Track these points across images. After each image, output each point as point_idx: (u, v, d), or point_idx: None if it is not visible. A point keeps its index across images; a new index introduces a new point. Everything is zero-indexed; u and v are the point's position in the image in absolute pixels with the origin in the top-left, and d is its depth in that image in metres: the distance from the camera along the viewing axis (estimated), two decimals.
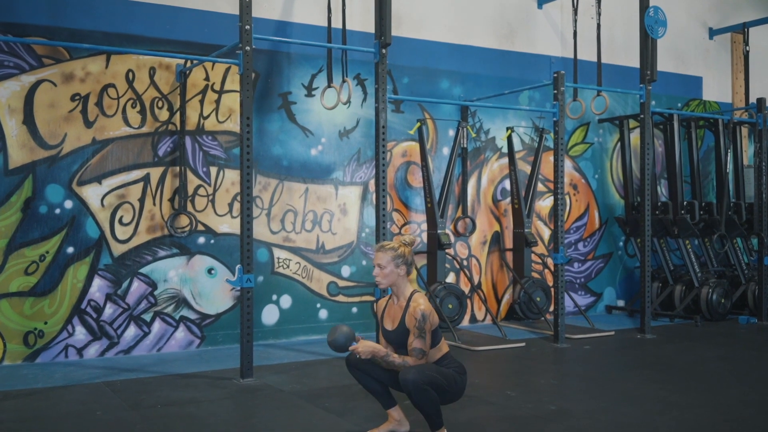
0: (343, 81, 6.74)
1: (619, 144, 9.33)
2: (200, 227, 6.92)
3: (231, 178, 7.05)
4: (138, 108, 6.68)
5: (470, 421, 4.50)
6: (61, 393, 5.18)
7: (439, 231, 7.73)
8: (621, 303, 9.41)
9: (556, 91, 7.09)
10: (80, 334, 6.42)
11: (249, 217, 5.61)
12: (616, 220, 9.29)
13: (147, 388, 5.32)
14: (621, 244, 9.52)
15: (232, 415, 4.64)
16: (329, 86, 7.01)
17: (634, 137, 9.23)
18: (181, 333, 6.84)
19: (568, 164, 9.07)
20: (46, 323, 6.29)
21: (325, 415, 4.63)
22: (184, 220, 6.85)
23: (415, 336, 3.90)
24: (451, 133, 8.19)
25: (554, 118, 7.11)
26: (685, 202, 8.79)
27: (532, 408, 4.78)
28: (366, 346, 3.87)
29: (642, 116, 7.66)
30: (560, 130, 7.10)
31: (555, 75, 7.12)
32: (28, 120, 6.25)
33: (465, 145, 8.24)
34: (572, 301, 8.39)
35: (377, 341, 4.21)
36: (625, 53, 9.43)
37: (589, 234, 9.27)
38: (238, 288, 5.65)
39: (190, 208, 6.87)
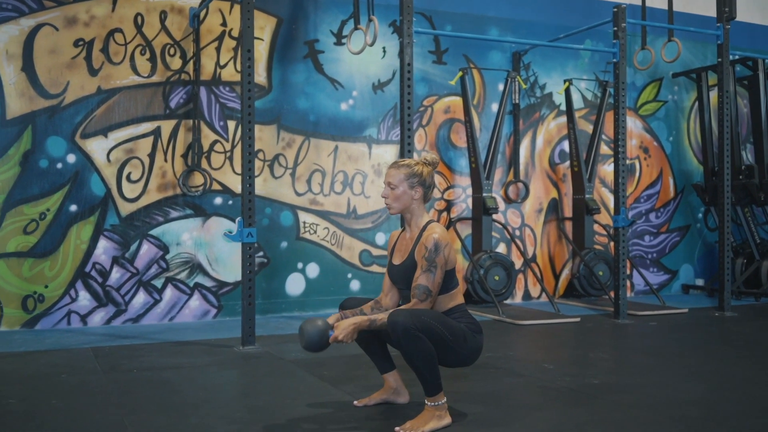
0: (369, 20, 6.00)
1: (697, 102, 8.26)
2: (216, 186, 6.31)
3: None
4: (147, 55, 6.12)
5: (490, 392, 3.70)
6: (36, 356, 4.63)
7: (484, 194, 6.90)
8: (700, 282, 8.34)
9: (616, 28, 6.16)
10: (84, 299, 5.90)
11: (251, 163, 4.94)
12: (693, 188, 8.23)
13: (134, 354, 4.72)
14: (700, 215, 8.45)
15: (210, 381, 3.98)
16: (356, 28, 6.28)
17: (714, 95, 8.14)
18: (195, 301, 6.24)
19: (638, 125, 8.08)
20: (46, 287, 5.80)
21: (316, 382, 3.91)
22: (198, 178, 6.25)
23: (423, 270, 3.13)
24: (501, 87, 7.33)
25: (614, 59, 6.18)
26: None
27: (570, 381, 3.93)
28: (345, 328, 3.07)
29: (720, 60, 6.63)
30: (621, 74, 6.15)
31: (615, 9, 6.18)
32: (28, 67, 5.76)
33: (517, 101, 7.37)
34: (641, 277, 7.41)
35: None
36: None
37: (663, 204, 8.24)
38: (259, 256, 4.98)
39: (205, 165, 6.27)
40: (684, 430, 3.08)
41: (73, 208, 5.88)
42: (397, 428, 3.04)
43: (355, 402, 3.45)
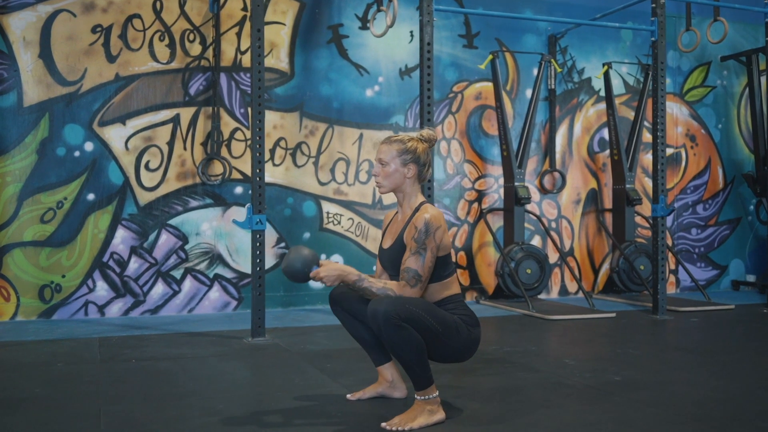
0: (390, 0, 5.75)
1: (748, 87, 7.77)
2: (236, 175, 6.15)
3: (273, 120, 6.24)
4: (166, 41, 6.00)
5: (497, 388, 3.42)
6: (41, 345, 4.53)
7: (516, 184, 6.59)
8: (751, 278, 7.85)
9: (654, 5, 5.79)
10: (102, 289, 5.80)
11: (260, 147, 4.75)
12: (744, 178, 7.75)
13: (140, 344, 4.58)
14: (751, 207, 7.96)
15: (205, 372, 3.79)
16: (378, 10, 6.05)
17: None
18: (215, 293, 6.09)
19: (684, 111, 7.65)
20: (63, 276, 5.72)
21: (315, 375, 3.69)
22: (217, 167, 6.10)
23: (412, 252, 2.87)
24: (536, 72, 6.99)
25: (652, 38, 5.81)
26: None
27: (589, 378, 3.62)
28: (330, 270, 2.87)
29: None
30: (660, 53, 5.78)
31: None
32: (45, 54, 5.69)
33: (553, 86, 7.03)
34: (685, 271, 6.99)
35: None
36: None
37: (711, 195, 7.78)
38: (281, 247, 4.80)
39: (225, 153, 6.12)
40: (703, 429, 2.76)
41: (91, 196, 5.79)
42: (383, 424, 2.80)
43: (348, 395, 3.22)
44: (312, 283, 6.33)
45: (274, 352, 4.32)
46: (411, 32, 6.64)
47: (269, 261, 6.20)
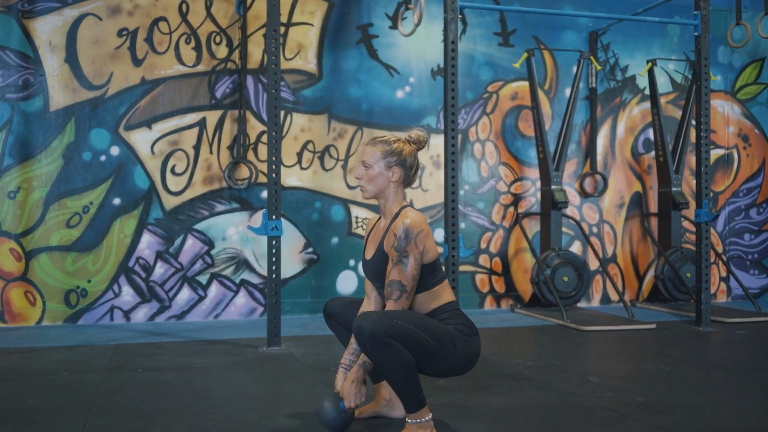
0: None
1: None
2: (263, 179, 6.04)
3: (300, 123, 6.12)
4: (193, 44, 5.93)
5: (506, 408, 3.19)
6: (55, 352, 4.48)
7: (553, 187, 6.31)
8: None
9: None
10: (127, 295, 5.76)
11: (277, 151, 4.62)
12: None
13: (153, 352, 4.49)
14: None
15: (208, 384, 3.66)
16: (407, 8, 5.86)
17: None
18: (241, 299, 5.99)
19: (736, 110, 7.24)
20: (89, 281, 5.70)
21: (319, 389, 3.52)
22: (244, 171, 6.00)
23: (394, 262, 2.68)
24: (575, 70, 6.69)
25: (695, 33, 5.48)
26: None
27: (610, 398, 3.36)
28: (350, 394, 2.69)
29: None
30: (703, 48, 5.45)
31: None
32: (71, 58, 5.68)
33: (594, 85, 6.73)
34: (735, 279, 6.60)
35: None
36: None
37: (765, 198, 7.35)
38: (308, 253, 4.66)
39: (251, 157, 6.02)
40: None
41: (117, 201, 5.75)
42: None
43: None
44: (340, 290, 6.18)
45: (285, 363, 4.17)
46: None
47: (296, 267, 6.08)
